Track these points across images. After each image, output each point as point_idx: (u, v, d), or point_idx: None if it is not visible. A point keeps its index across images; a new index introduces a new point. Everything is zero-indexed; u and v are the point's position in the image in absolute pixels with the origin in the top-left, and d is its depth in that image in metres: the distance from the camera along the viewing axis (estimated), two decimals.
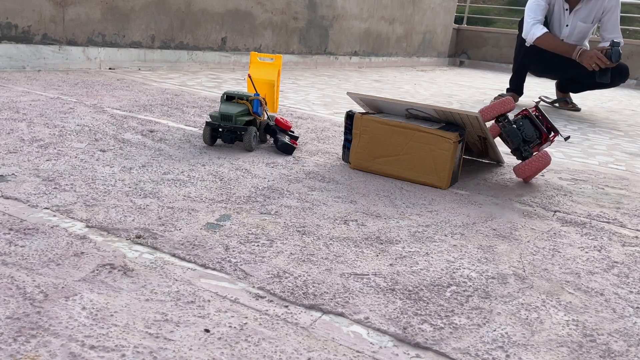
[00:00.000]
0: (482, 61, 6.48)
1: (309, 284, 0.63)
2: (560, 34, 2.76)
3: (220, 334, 0.52)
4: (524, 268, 0.74)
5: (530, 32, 2.65)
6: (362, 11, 4.28)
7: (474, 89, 3.49)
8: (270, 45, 3.40)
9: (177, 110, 1.61)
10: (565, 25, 2.73)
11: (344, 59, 4.22)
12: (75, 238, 0.69)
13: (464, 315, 0.60)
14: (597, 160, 1.58)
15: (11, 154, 1.01)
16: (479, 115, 1.06)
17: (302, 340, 0.52)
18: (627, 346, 0.57)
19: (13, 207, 0.76)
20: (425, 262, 0.73)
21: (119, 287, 0.58)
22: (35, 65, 2.15)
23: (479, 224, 0.90)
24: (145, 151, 1.13)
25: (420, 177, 1.09)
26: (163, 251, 0.68)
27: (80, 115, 1.40)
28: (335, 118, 1.81)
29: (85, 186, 0.88)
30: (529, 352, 0.54)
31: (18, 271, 0.59)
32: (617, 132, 2.21)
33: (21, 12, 2.07)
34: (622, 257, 0.82)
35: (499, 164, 1.37)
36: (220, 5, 2.95)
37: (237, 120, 1.19)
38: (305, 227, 0.81)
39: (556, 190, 1.17)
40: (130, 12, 2.49)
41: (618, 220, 1.01)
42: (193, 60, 2.86)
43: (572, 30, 2.74)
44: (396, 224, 0.86)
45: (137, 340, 0.49)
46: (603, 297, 0.68)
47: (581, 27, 2.72)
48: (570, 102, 2.93)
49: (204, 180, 0.98)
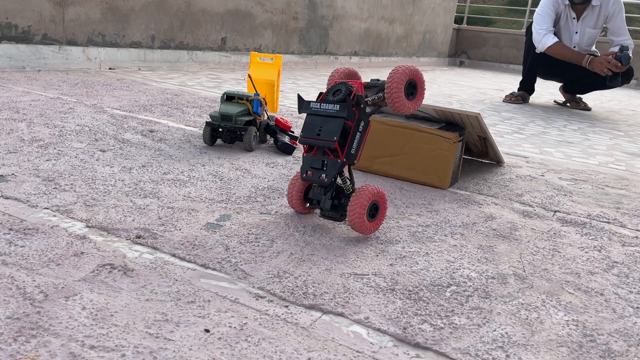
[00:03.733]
0: (482, 61, 6.48)
1: (309, 284, 0.63)
2: (570, 41, 2.89)
3: (220, 334, 0.52)
4: (524, 268, 0.74)
5: (541, 42, 2.79)
6: (362, 11, 4.28)
7: (474, 89, 3.49)
8: (270, 45, 3.40)
9: (177, 110, 1.61)
10: (574, 32, 2.86)
11: (344, 59, 4.22)
12: (75, 238, 0.69)
13: (464, 315, 0.60)
14: (597, 160, 1.58)
15: (11, 154, 1.01)
16: (479, 115, 1.06)
17: (302, 340, 0.52)
18: (627, 346, 0.57)
19: (13, 207, 0.76)
20: (425, 262, 0.73)
21: (119, 287, 0.58)
22: (35, 65, 2.15)
23: (479, 224, 0.90)
24: (145, 151, 1.13)
25: (421, 177, 1.09)
26: (163, 251, 0.68)
27: (80, 115, 1.40)
28: None
29: (85, 186, 0.88)
30: (529, 352, 0.54)
31: (18, 271, 0.59)
32: (617, 132, 2.21)
33: (21, 12, 2.07)
34: (622, 257, 0.82)
35: (499, 164, 1.37)
36: (220, 5, 2.95)
37: (237, 120, 1.19)
38: (305, 227, 0.81)
39: (556, 190, 1.17)
40: (130, 12, 2.49)
41: (618, 220, 1.01)
42: (193, 60, 2.86)
43: (581, 36, 2.87)
44: (396, 224, 0.86)
45: (137, 340, 0.49)
46: (603, 297, 0.68)
47: (590, 33, 2.84)
48: (581, 101, 3.02)
49: (204, 180, 0.98)
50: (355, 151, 0.78)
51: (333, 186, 0.79)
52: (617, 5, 2.75)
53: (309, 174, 0.78)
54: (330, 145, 0.75)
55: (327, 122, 0.77)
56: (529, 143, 1.74)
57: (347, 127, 0.77)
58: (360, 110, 0.77)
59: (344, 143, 0.77)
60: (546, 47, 2.78)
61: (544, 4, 2.80)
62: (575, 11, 2.82)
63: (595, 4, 2.76)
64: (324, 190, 0.79)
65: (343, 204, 0.79)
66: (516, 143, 1.71)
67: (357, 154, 0.78)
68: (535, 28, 2.82)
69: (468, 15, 6.81)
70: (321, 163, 0.77)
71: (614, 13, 2.76)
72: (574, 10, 2.81)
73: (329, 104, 0.77)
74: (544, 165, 1.43)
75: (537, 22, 2.81)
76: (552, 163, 1.46)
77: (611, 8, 2.76)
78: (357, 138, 0.78)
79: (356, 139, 0.77)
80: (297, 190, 0.83)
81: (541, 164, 1.43)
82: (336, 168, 0.76)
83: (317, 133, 0.77)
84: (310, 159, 0.78)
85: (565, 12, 2.83)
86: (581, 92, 3.04)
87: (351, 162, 0.77)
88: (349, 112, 0.76)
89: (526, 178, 1.25)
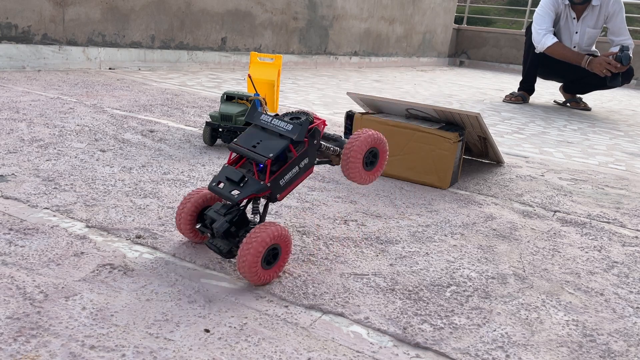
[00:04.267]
0: (482, 61, 6.48)
1: (309, 284, 0.63)
2: (571, 41, 2.90)
3: (220, 334, 0.52)
4: (524, 268, 0.74)
5: (541, 42, 2.80)
6: (362, 11, 4.28)
7: (474, 89, 3.49)
8: (270, 45, 3.40)
9: (177, 110, 1.61)
10: (574, 32, 2.87)
11: (344, 59, 4.22)
12: (75, 238, 0.69)
13: (464, 315, 0.60)
14: (597, 160, 1.58)
15: (11, 154, 1.01)
16: (479, 115, 1.06)
17: (302, 340, 0.52)
18: (627, 346, 0.57)
19: (13, 207, 0.76)
20: (425, 262, 0.73)
21: (119, 287, 0.58)
22: (35, 65, 2.15)
23: (479, 224, 0.90)
24: (145, 151, 1.13)
25: (421, 177, 1.09)
26: (163, 251, 0.68)
27: (80, 115, 1.40)
28: (335, 118, 1.81)
29: (85, 186, 0.88)
30: (529, 352, 0.54)
31: (18, 271, 0.59)
32: (617, 132, 2.21)
33: (21, 12, 2.07)
34: (622, 257, 0.82)
35: (499, 164, 1.37)
36: (220, 5, 2.95)
37: (237, 120, 1.19)
38: (305, 227, 0.81)
39: (556, 190, 1.17)
40: (130, 12, 2.49)
41: (618, 220, 1.01)
42: (193, 60, 2.86)
43: (581, 36, 2.88)
44: (396, 224, 0.86)
45: (137, 340, 0.49)
46: (603, 297, 0.68)
47: (590, 33, 2.86)
48: (581, 101, 3.04)
49: (204, 180, 0.98)
50: (284, 185, 0.65)
51: (238, 210, 0.65)
52: (617, 5, 2.76)
53: (220, 185, 0.65)
54: (262, 160, 0.63)
55: (270, 139, 0.65)
56: (529, 143, 1.74)
57: (289, 155, 0.65)
58: (310, 145, 0.66)
59: (277, 171, 0.65)
60: (546, 47, 2.79)
61: (544, 4, 2.81)
62: (575, 11, 2.83)
63: (596, 3, 2.77)
64: (226, 210, 0.65)
65: (239, 238, 0.64)
66: (516, 143, 1.71)
67: (284, 190, 0.65)
68: (535, 28, 2.83)
69: (468, 15, 6.81)
70: (240, 177, 0.63)
71: (614, 13, 2.77)
72: (574, 10, 2.83)
73: (281, 121, 0.66)
74: (544, 165, 1.43)
75: (537, 22, 2.82)
76: (552, 163, 1.46)
77: (611, 8, 2.77)
78: (293, 172, 0.65)
79: (291, 172, 0.65)
80: (187, 212, 0.68)
81: (541, 164, 1.43)
82: (254, 189, 0.62)
83: (254, 145, 0.65)
84: (229, 170, 0.65)
85: (565, 12, 2.84)
86: (581, 92, 3.05)
87: (273, 195, 0.64)
88: (299, 137, 0.64)
89: (526, 178, 1.25)
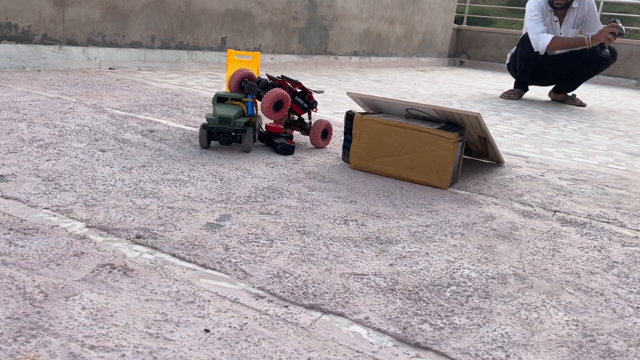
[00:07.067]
0: (482, 61, 6.48)
1: (309, 284, 0.63)
2: None
3: (220, 334, 0.52)
4: (524, 268, 0.74)
5: (540, 43, 2.96)
6: (362, 11, 4.28)
7: (474, 89, 3.49)
8: (270, 45, 3.40)
9: (177, 110, 1.61)
10: (559, 34, 3.09)
11: (344, 59, 4.22)
12: (75, 238, 0.69)
13: (464, 315, 0.60)
14: (597, 160, 1.58)
15: (11, 154, 1.01)
16: (479, 115, 1.06)
17: (302, 340, 0.52)
18: (627, 346, 0.57)
19: (13, 207, 0.76)
20: (425, 262, 0.73)
21: (119, 287, 0.58)
22: (35, 65, 2.15)
23: (479, 224, 0.90)
24: (145, 151, 1.13)
25: (421, 177, 1.09)
26: (163, 251, 0.68)
27: (80, 115, 1.40)
28: (335, 118, 1.81)
29: (85, 186, 0.88)
30: (529, 352, 0.54)
31: (18, 271, 0.59)
32: (617, 132, 2.21)
33: (21, 12, 2.07)
34: (622, 257, 0.82)
35: (499, 164, 1.37)
36: (220, 5, 2.95)
37: (235, 122, 1.19)
38: (305, 227, 0.81)
39: (556, 190, 1.17)
40: (130, 12, 2.49)
41: (618, 220, 1.01)
42: (193, 60, 2.86)
43: None
44: (396, 224, 0.86)
45: (137, 340, 0.49)
46: (603, 297, 0.68)
47: (573, 33, 3.10)
48: (575, 97, 3.22)
49: (204, 180, 0.98)
50: None
51: None
52: (591, 1, 3.01)
53: None
54: None
55: None
56: (529, 143, 1.74)
57: None
58: None
59: None
60: (546, 45, 2.93)
61: (532, 9, 3.00)
62: (557, 15, 3.05)
63: (575, 5, 3.00)
64: None
65: None
66: (516, 143, 1.71)
67: None
68: (531, 35, 3.00)
69: (468, 15, 6.81)
70: None
71: (589, 10, 3.01)
72: (556, 14, 3.05)
73: None
74: (544, 165, 1.43)
75: (531, 29, 3.00)
76: (552, 163, 1.46)
77: (587, 6, 3.00)
78: None
79: None
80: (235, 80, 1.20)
81: (541, 164, 1.43)
82: None
83: None
84: None
85: (549, 17, 3.06)
86: (574, 87, 3.22)
87: None
88: None
89: (526, 178, 1.25)
